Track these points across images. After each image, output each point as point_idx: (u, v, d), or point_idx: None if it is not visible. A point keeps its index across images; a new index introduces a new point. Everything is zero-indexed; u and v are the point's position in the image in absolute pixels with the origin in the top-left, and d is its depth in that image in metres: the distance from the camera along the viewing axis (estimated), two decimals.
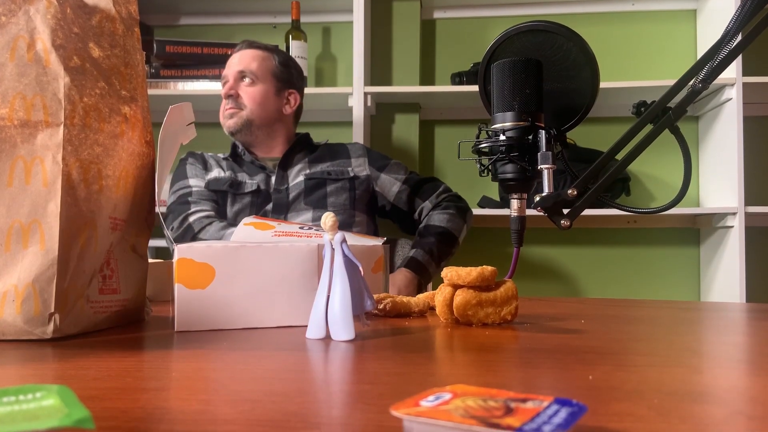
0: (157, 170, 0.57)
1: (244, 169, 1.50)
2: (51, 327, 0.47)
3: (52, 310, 0.47)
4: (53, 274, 0.47)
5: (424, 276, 1.34)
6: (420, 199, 1.50)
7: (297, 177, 1.47)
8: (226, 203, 1.44)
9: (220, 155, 1.56)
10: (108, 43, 0.54)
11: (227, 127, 1.50)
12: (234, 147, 1.54)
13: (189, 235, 1.37)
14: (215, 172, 1.49)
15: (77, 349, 0.44)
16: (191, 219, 1.38)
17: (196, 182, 1.48)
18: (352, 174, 1.48)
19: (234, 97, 1.50)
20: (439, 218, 1.45)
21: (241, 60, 1.51)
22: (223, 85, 1.52)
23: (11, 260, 0.47)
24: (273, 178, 1.48)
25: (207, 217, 1.38)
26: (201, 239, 1.35)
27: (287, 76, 1.56)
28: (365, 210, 1.49)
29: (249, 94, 1.50)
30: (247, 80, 1.50)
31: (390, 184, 1.51)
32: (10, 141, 0.48)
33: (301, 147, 1.53)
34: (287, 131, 1.56)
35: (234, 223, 1.40)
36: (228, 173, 1.48)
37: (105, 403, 0.29)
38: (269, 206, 1.42)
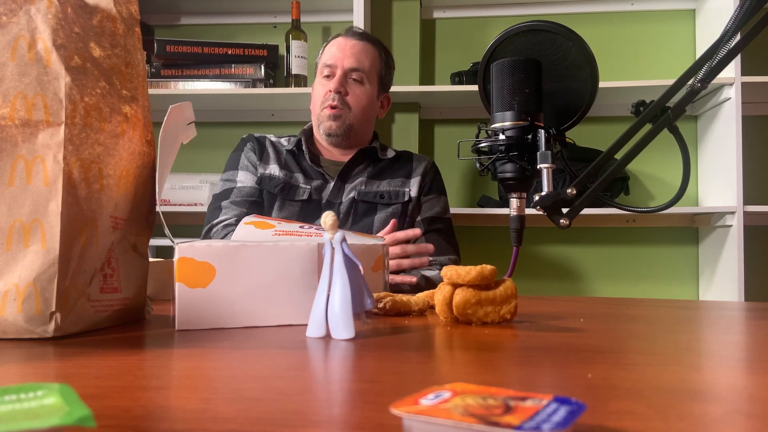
0: (157, 170, 0.57)
1: (304, 167, 1.36)
2: (52, 326, 0.48)
3: (53, 309, 0.48)
4: (54, 273, 0.48)
5: None
6: None
7: (351, 192, 1.33)
8: (273, 206, 1.32)
9: (284, 141, 1.41)
10: (109, 43, 0.54)
11: (328, 128, 1.35)
12: (299, 143, 1.39)
13: None
14: (271, 168, 1.36)
15: (78, 347, 0.44)
16: (213, 231, 1.30)
17: (244, 176, 1.36)
18: (406, 198, 1.34)
19: (342, 94, 1.33)
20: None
21: (354, 53, 1.34)
22: (326, 74, 1.35)
23: (12, 259, 0.48)
24: (330, 186, 1.34)
25: (226, 226, 1.29)
26: None
27: (388, 79, 1.43)
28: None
29: (357, 95, 1.35)
30: (355, 78, 1.34)
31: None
32: (11, 140, 0.48)
33: (364, 158, 1.39)
34: (368, 137, 1.43)
35: None
36: (283, 173, 1.35)
37: (106, 401, 0.29)
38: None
